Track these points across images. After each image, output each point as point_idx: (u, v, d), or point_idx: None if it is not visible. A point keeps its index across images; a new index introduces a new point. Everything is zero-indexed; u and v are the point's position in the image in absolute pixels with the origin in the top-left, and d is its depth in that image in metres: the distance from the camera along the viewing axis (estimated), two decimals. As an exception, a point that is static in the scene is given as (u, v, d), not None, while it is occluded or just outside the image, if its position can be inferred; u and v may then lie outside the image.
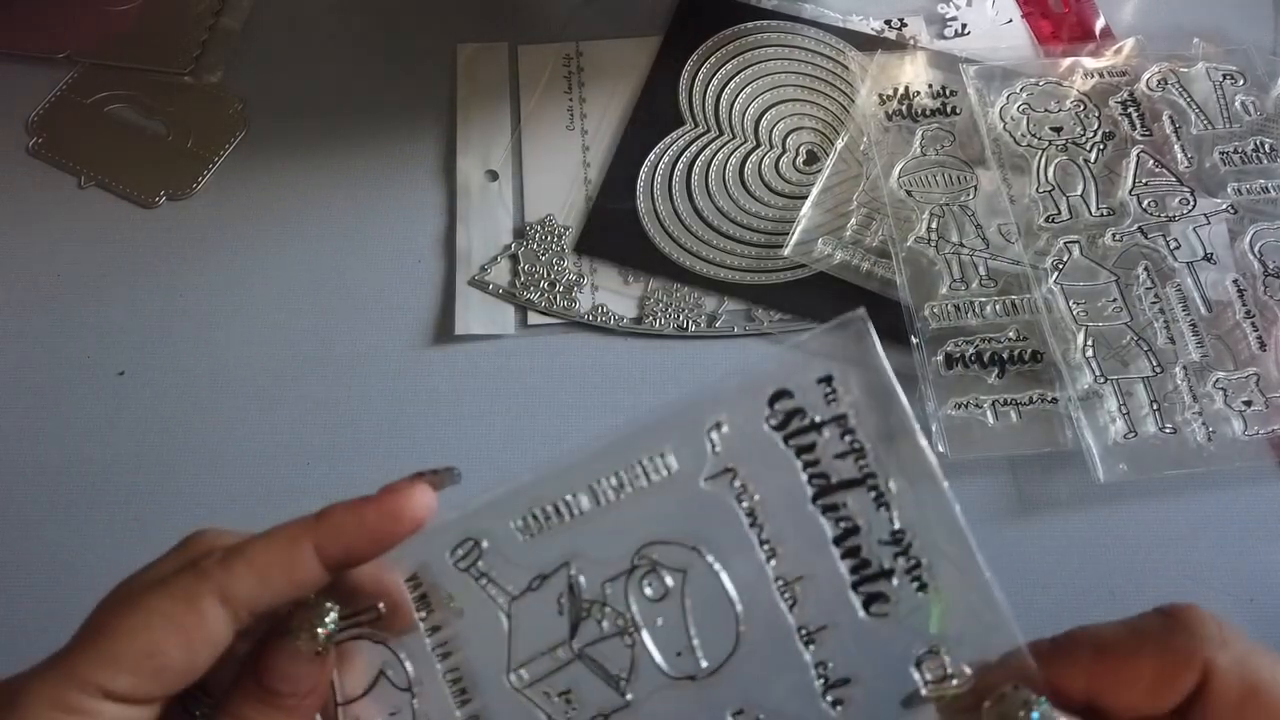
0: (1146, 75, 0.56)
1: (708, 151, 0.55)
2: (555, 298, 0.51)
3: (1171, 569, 0.45)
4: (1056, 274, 0.50)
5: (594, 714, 0.26)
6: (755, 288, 0.51)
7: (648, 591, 0.26)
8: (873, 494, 0.24)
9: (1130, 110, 0.55)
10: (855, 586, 0.25)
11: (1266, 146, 0.54)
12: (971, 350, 0.48)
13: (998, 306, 0.49)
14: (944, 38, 0.60)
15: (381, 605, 0.26)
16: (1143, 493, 0.46)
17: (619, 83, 0.58)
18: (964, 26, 0.60)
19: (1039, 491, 0.46)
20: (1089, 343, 0.48)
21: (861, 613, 0.25)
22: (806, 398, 0.25)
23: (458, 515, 0.26)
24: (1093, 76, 0.56)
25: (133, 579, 0.26)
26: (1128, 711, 0.24)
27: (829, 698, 0.25)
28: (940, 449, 0.46)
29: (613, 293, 0.52)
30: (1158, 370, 0.47)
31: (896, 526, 0.24)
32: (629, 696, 0.26)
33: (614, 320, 0.51)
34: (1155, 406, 0.47)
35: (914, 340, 0.49)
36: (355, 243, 0.53)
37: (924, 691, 0.24)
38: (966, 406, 0.47)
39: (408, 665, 0.27)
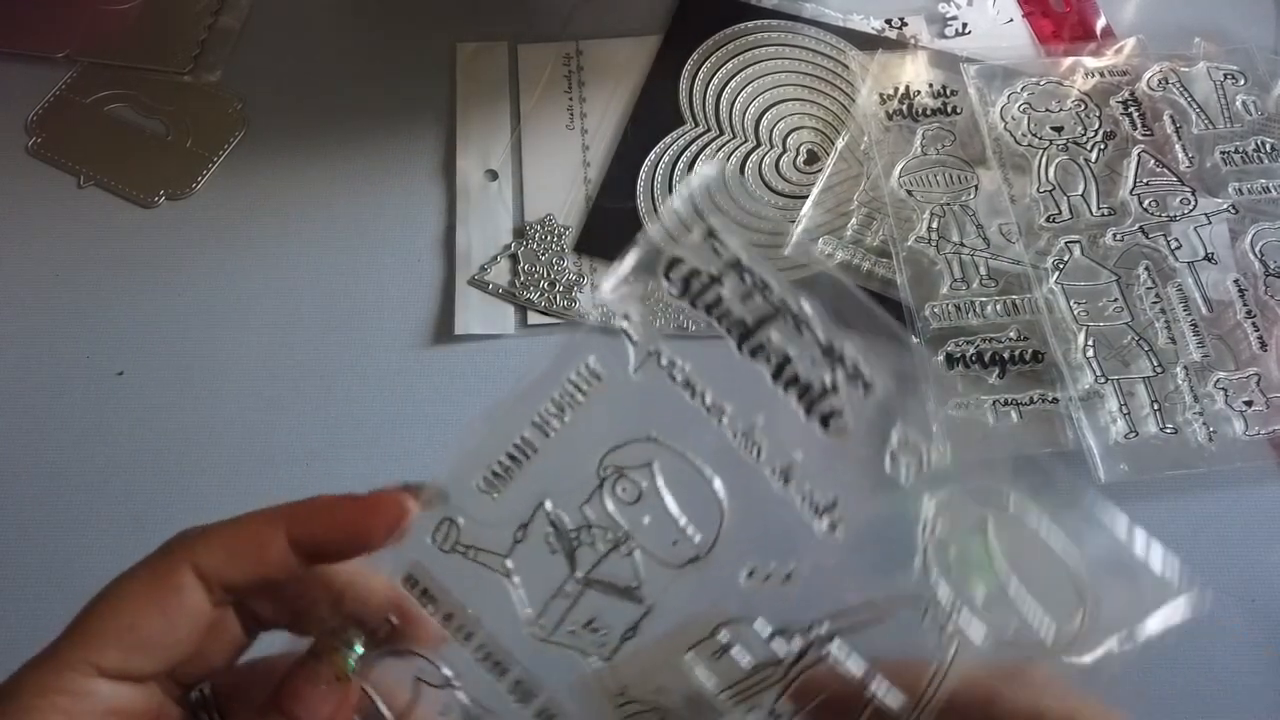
0: (1147, 75, 0.56)
1: (708, 151, 0.55)
2: (555, 297, 0.51)
3: (1172, 569, 0.45)
4: (1057, 274, 0.50)
5: (623, 631, 0.26)
6: (755, 287, 0.51)
7: (624, 497, 0.26)
8: (790, 320, 0.25)
9: (1131, 110, 0.55)
10: (808, 412, 0.25)
11: (1267, 146, 0.54)
12: (972, 350, 0.48)
13: (998, 306, 0.49)
14: (945, 37, 0.60)
15: (393, 617, 0.26)
16: (1143, 493, 0.46)
17: (619, 82, 0.58)
18: (965, 26, 0.60)
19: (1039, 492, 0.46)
20: (1090, 343, 0.48)
21: (821, 434, 0.25)
22: (697, 257, 0.25)
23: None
24: (1094, 76, 0.56)
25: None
26: None
27: (824, 522, 0.25)
28: (941, 449, 0.46)
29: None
30: (1158, 370, 0.47)
31: (823, 341, 0.25)
32: (647, 602, 0.26)
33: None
34: (1156, 406, 0.47)
35: (915, 340, 0.48)
36: (355, 242, 0.53)
37: (903, 477, 0.24)
38: (967, 406, 0.47)
39: (437, 662, 0.27)
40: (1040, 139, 0.54)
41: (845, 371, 0.24)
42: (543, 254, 0.52)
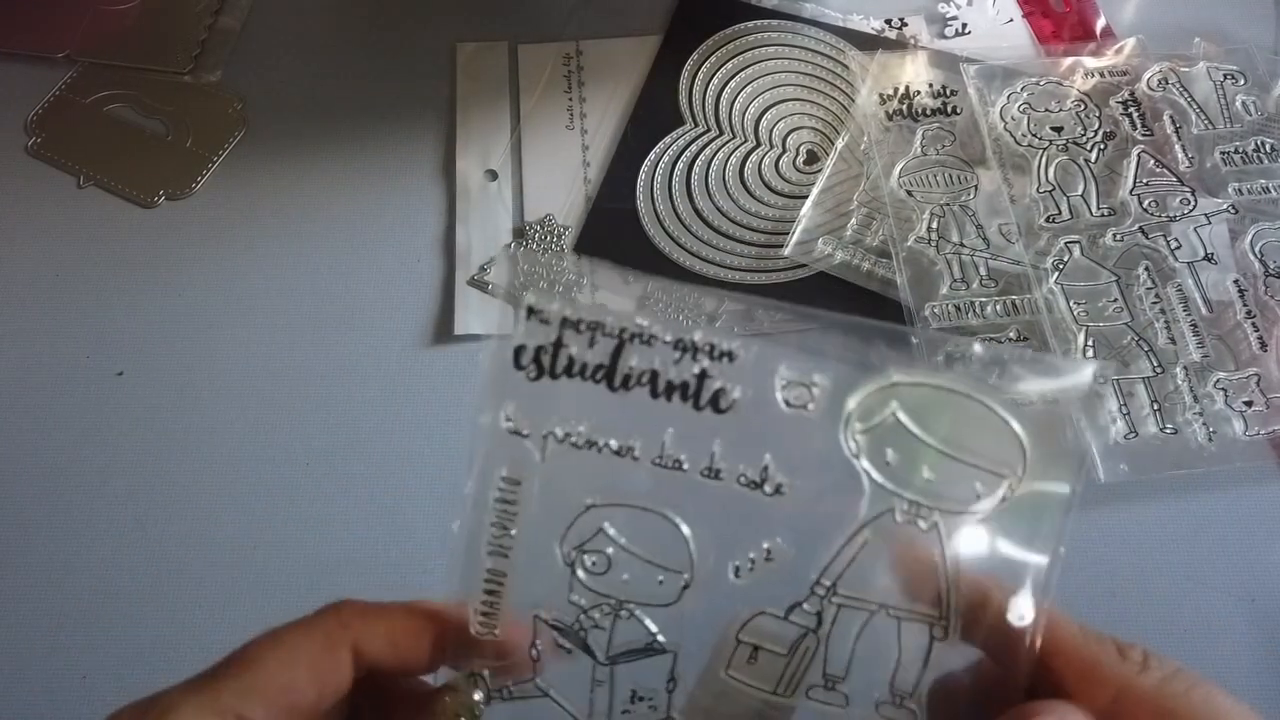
0: (1147, 75, 0.56)
1: (708, 151, 0.55)
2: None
3: (1172, 569, 0.45)
4: (1057, 274, 0.50)
5: (665, 685, 0.27)
6: (755, 288, 0.51)
7: (596, 569, 0.27)
8: (637, 342, 0.26)
9: (1131, 110, 0.55)
10: (697, 406, 0.26)
11: (1267, 146, 0.54)
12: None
13: (998, 307, 0.49)
14: (944, 37, 0.60)
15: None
16: (1143, 493, 0.46)
17: (619, 82, 0.58)
18: (964, 26, 0.60)
19: (1039, 492, 0.46)
20: (1090, 343, 0.48)
21: (718, 417, 0.26)
22: (533, 336, 0.26)
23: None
24: (1093, 76, 0.56)
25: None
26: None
27: (766, 492, 0.26)
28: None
29: (612, 293, 0.52)
30: (1158, 370, 0.47)
31: (670, 339, 0.26)
32: (670, 647, 0.27)
33: (614, 320, 0.51)
34: (1156, 407, 0.47)
35: (914, 340, 0.48)
36: (355, 242, 0.53)
37: (808, 410, 0.25)
38: (967, 407, 0.47)
39: None
40: (1040, 139, 0.54)
41: (705, 354, 0.26)
42: (542, 254, 0.52)
